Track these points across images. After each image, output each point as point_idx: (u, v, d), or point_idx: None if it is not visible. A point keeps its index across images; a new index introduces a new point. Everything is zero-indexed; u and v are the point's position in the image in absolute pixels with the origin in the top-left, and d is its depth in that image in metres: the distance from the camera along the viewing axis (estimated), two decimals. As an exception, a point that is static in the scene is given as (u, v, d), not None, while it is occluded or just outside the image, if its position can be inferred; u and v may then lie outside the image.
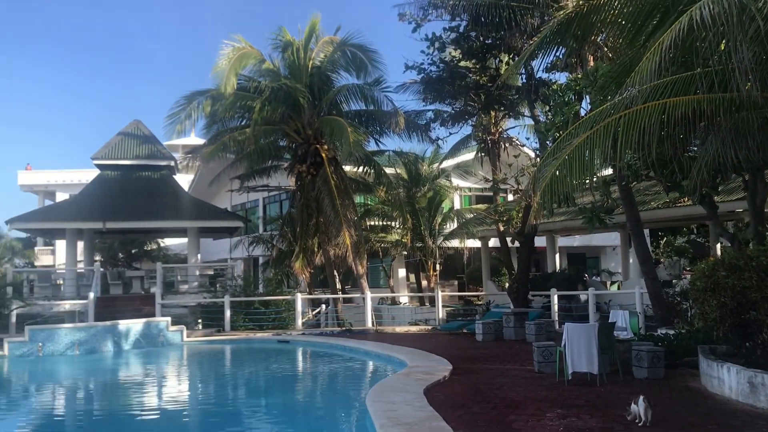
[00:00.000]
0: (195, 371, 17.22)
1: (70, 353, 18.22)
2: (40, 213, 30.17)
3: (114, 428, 9.70)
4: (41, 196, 51.33)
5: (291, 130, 24.51)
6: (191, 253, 28.51)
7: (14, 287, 23.65)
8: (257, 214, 39.35)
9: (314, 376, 15.26)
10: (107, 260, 39.27)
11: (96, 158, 28.22)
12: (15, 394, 14.54)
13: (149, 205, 27.14)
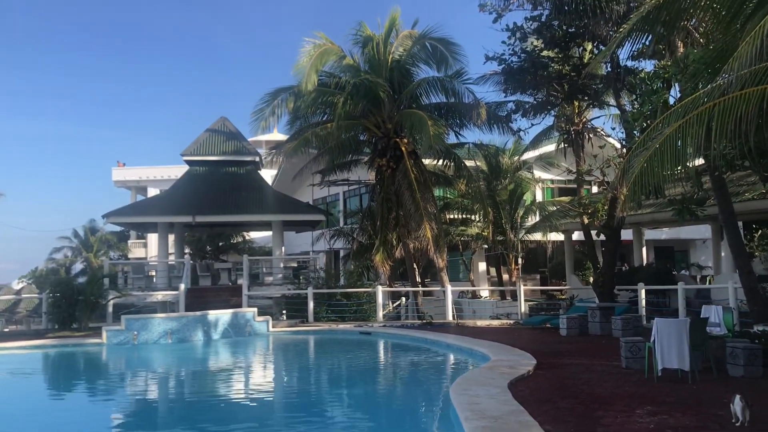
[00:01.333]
0: (282, 361, 17.68)
1: (163, 342, 19.07)
2: (133, 208, 31.65)
3: (207, 414, 10.08)
4: (133, 192, 53.75)
5: (371, 125, 24.72)
6: (275, 246, 29.22)
7: (110, 278, 24.89)
8: (338, 208, 39.91)
9: (397, 368, 15.39)
10: (196, 253, 40.77)
11: (185, 154, 29.32)
12: (114, 380, 15.35)
13: (236, 200, 27.98)
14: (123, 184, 54.09)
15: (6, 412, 11.01)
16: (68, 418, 10.47)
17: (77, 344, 19.19)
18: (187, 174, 29.80)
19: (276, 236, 29.28)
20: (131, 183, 53.41)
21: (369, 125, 24.77)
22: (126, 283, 26.93)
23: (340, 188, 35.59)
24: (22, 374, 16.00)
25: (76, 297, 22.52)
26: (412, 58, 24.93)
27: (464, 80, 23.73)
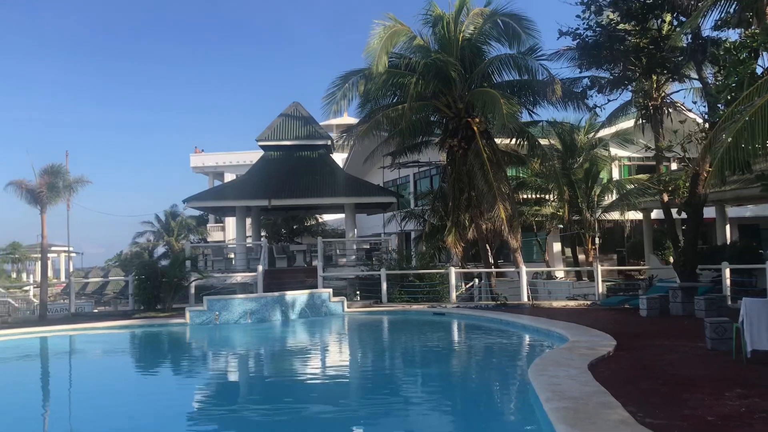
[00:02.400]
0: (358, 340, 17.94)
1: (243, 321, 19.67)
2: (212, 192, 32.58)
3: (287, 392, 10.36)
4: (211, 177, 55.29)
5: (442, 105, 24.58)
6: (348, 228, 29.57)
7: (192, 261, 25.77)
8: (408, 190, 39.96)
9: (473, 349, 15.39)
10: (272, 236, 41.67)
11: (260, 140, 29.96)
12: (198, 358, 15.96)
13: (309, 183, 28.43)
14: (201, 170, 55.69)
15: (101, 387, 11.65)
16: (156, 394, 10.96)
17: (162, 324, 20.02)
18: (262, 159, 30.44)
19: (348, 218, 29.61)
20: (209, 169, 54.93)
21: (440, 105, 24.62)
22: (206, 266, 27.84)
23: (410, 170, 35.63)
24: (112, 352, 16.83)
25: (160, 279, 23.44)
26: (484, 36, 24.59)
27: (538, 56, 23.26)
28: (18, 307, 30.93)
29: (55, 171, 22.68)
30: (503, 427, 8.03)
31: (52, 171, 22.66)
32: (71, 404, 10.79)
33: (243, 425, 8.21)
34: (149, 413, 9.13)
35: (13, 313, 28.26)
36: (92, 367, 14.69)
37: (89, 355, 16.85)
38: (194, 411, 9.28)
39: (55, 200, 22.75)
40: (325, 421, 8.21)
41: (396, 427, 7.77)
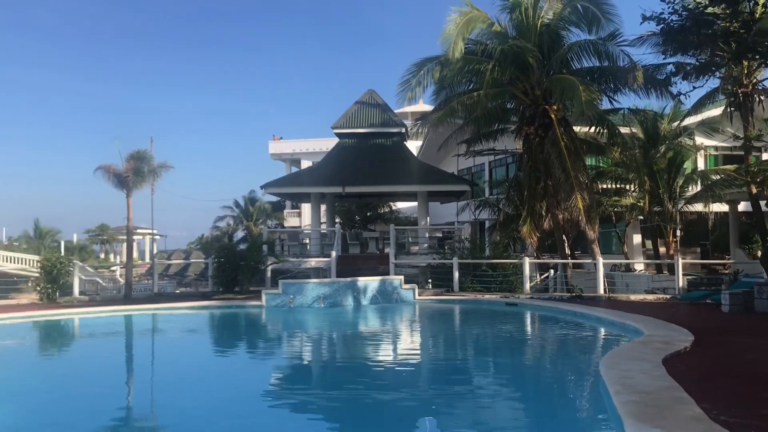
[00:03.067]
0: (429, 328, 17.98)
1: (316, 305, 20.05)
2: (288, 179, 33.26)
3: (358, 376, 10.48)
4: (288, 164, 56.38)
5: (519, 92, 24.18)
6: (421, 216, 29.60)
7: (269, 245, 26.42)
8: (483, 178, 39.56)
9: (544, 340, 15.19)
10: (345, 222, 42.19)
11: (335, 127, 30.32)
12: (273, 340, 16.39)
13: (383, 171, 28.59)
14: (278, 157, 56.83)
15: (181, 363, 12.17)
16: (232, 373, 11.35)
17: (240, 306, 20.67)
18: (337, 146, 30.81)
19: (421, 206, 29.63)
20: (286, 156, 56.00)
21: (517, 92, 24.24)
22: (282, 250, 28.47)
23: (485, 158, 35.25)
24: (192, 331, 17.49)
25: (238, 262, 24.16)
26: (563, 21, 24.01)
27: (619, 42, 22.52)
28: (105, 286, 32.51)
29: (140, 156, 23.66)
30: (571, 418, 7.92)
31: (137, 156, 23.65)
32: (154, 378, 11.31)
33: (315, 407, 8.39)
34: (226, 390, 9.43)
35: (101, 291, 29.76)
36: (173, 345, 15.34)
37: (170, 333, 17.58)
38: (268, 391, 9.55)
39: (140, 184, 23.75)
40: (396, 407, 8.28)
41: (466, 416, 7.76)
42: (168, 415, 7.99)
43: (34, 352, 14.60)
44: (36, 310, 20.22)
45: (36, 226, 52.43)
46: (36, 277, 28.03)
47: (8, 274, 35.58)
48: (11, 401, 8.98)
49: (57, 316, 19.44)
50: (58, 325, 18.71)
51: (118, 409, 8.56)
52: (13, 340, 16.16)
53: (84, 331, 17.96)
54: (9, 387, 10.05)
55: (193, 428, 7.04)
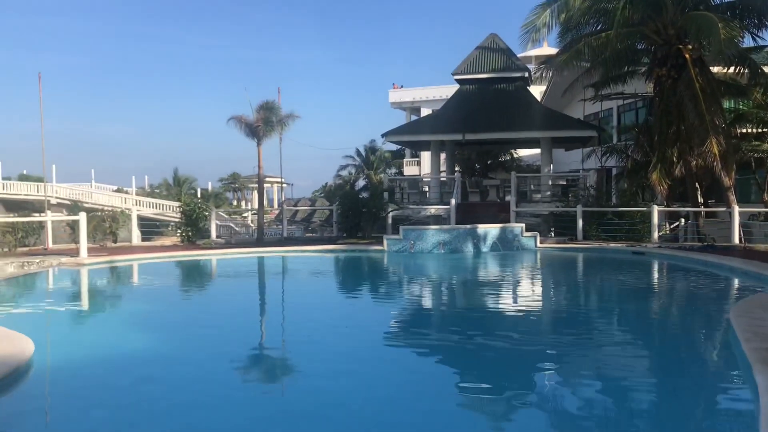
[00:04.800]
0: (550, 275, 17.82)
1: (436, 251, 20.40)
2: (408, 127, 33.51)
3: (477, 322, 10.62)
4: (408, 112, 56.59)
5: (651, 32, 22.86)
6: (544, 164, 29.02)
7: (390, 193, 26.95)
8: (611, 124, 37.97)
9: (672, 289, 14.72)
10: (465, 170, 42.04)
11: (456, 73, 30.06)
12: (394, 283, 16.89)
13: (504, 117, 28.16)
14: (398, 106, 57.14)
15: (309, 302, 12.90)
16: (356, 313, 11.88)
17: (362, 250, 21.41)
18: (457, 93, 30.60)
19: (544, 153, 29.02)
20: (406, 104, 56.21)
21: (648, 32, 22.92)
22: (402, 198, 28.95)
23: (614, 102, 33.78)
24: (318, 273, 18.36)
25: (361, 209, 24.90)
26: (702, -48, 22.31)
27: (765, -28, 20.70)
28: (238, 230, 34.50)
29: (269, 107, 24.64)
30: (699, 365, 7.76)
31: (266, 107, 24.65)
32: (284, 315, 12.09)
33: (433, 350, 8.57)
34: (350, 329, 9.89)
35: (235, 235, 31.63)
36: (302, 284, 16.24)
37: (300, 274, 18.55)
38: (390, 332, 9.83)
39: (269, 134, 24.80)
40: (516, 353, 8.30)
41: (589, 364, 7.68)
42: (296, 352, 8.52)
43: (176, 289, 15.95)
44: (178, 251, 21.93)
45: (175, 174, 56.08)
46: (176, 221, 30.20)
47: (150, 218, 38.54)
48: (156, 331, 9.93)
49: (197, 256, 21.01)
50: (198, 264, 20.23)
51: (249, 342, 9.23)
52: (158, 277, 17.72)
53: (221, 270, 19.32)
54: (154, 319, 11.09)
55: (319, 367, 7.44)
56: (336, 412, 5.85)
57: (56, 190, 44.59)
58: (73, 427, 5.62)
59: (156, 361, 7.79)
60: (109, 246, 23.62)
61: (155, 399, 6.24)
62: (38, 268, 16.94)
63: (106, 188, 50.99)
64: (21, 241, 22.41)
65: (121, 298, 14.10)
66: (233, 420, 5.62)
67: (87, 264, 17.91)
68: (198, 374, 7.17)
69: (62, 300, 13.52)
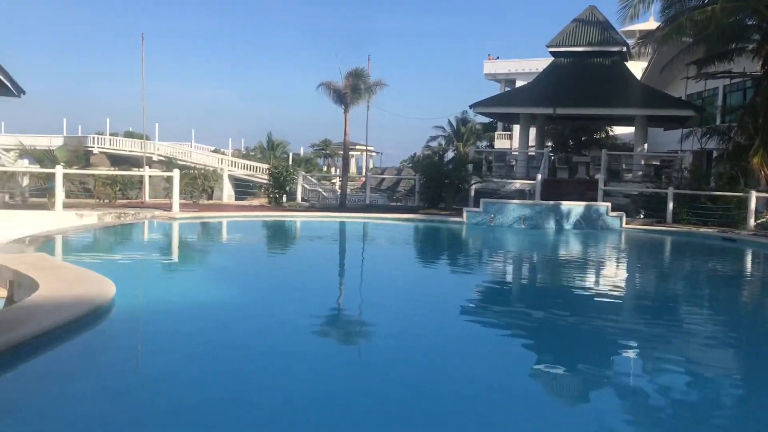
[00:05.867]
0: (634, 257, 17.22)
1: (516, 226, 20.20)
2: (498, 98, 33.02)
3: (555, 299, 10.31)
4: (502, 85, 55.56)
5: (762, 6, 21.46)
6: (637, 142, 28.02)
7: (475, 165, 26.77)
8: (715, 104, 36.01)
9: (763, 278, 14.00)
10: (557, 146, 41.03)
11: (550, 46, 29.29)
12: (472, 255, 16.87)
13: (598, 92, 27.28)
14: (493, 77, 56.21)
15: (385, 271, 13.15)
16: (431, 284, 11.90)
17: (441, 221, 21.48)
18: (551, 65, 29.85)
19: (639, 132, 27.99)
20: (500, 76, 55.21)
21: (759, 7, 21.52)
22: (489, 171, 28.70)
23: (719, 81, 31.99)
24: (395, 240, 18.58)
25: (443, 180, 24.91)
26: None
27: None
28: (326, 195, 35.21)
29: (357, 74, 24.90)
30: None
31: (355, 74, 24.91)
32: (362, 278, 12.39)
33: (510, 324, 8.44)
34: (425, 299, 9.83)
35: (321, 200, 32.34)
36: (374, 250, 16.53)
37: (376, 240, 18.86)
38: (465, 304, 9.77)
39: (356, 101, 25.10)
40: (595, 332, 8.07)
41: (671, 351, 7.29)
42: (371, 313, 8.73)
43: (256, 246, 16.62)
44: (263, 210, 22.75)
45: (269, 138, 57.59)
46: (266, 183, 31.18)
47: (242, 179, 39.96)
48: (233, 285, 10.42)
49: (280, 217, 21.72)
50: (279, 224, 20.91)
51: (326, 303, 9.48)
52: (240, 234, 18.49)
53: (300, 231, 19.93)
54: (231, 273, 11.61)
55: (395, 331, 7.58)
56: (404, 374, 5.94)
57: (157, 147, 46.79)
58: (144, 368, 6.03)
59: (230, 312, 8.15)
60: (200, 203, 24.72)
61: (225, 348, 6.55)
62: (133, 219, 17.99)
63: (204, 148, 53.04)
64: (121, 194, 23.79)
65: (203, 252, 14.82)
66: (300, 373, 5.86)
67: (177, 218, 18.86)
68: (271, 327, 7.45)
69: (149, 250, 14.36)
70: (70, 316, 6.47)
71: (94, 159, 45.17)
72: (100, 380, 5.49)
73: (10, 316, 6.42)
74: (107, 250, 13.82)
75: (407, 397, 5.32)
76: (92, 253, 13.13)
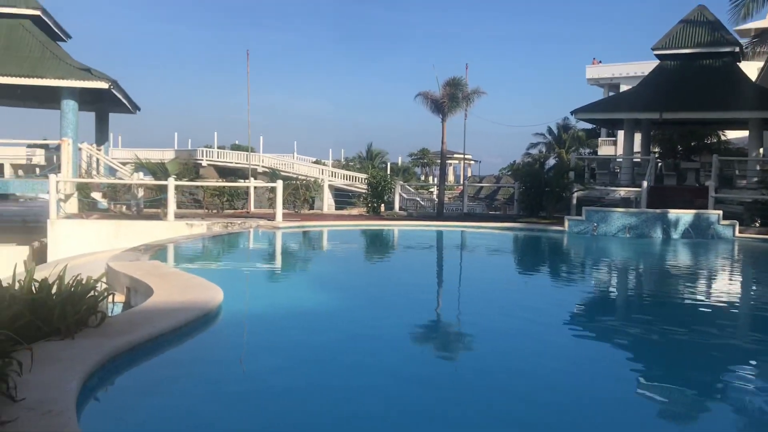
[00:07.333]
0: (749, 268, 16.23)
1: (621, 235, 19.55)
2: (601, 104, 32.05)
3: (665, 312, 9.91)
4: (606, 89, 53.89)
5: None
6: (752, 147, 26.50)
7: (576, 172, 26.13)
8: None
9: None
10: (665, 152, 39.30)
11: (656, 48, 28.22)
12: (575, 265, 16.46)
13: (708, 95, 26.01)
14: (595, 82, 54.63)
15: (482, 279, 13.10)
16: (532, 294, 11.65)
17: (541, 230, 21.09)
18: (657, 69, 28.76)
19: (753, 135, 26.48)
20: (604, 81, 53.59)
21: None
22: (591, 179, 27.94)
23: None
24: (493, 249, 18.43)
25: (543, 188, 24.46)
26: None
27: None
28: (424, 204, 35.36)
29: (455, 83, 24.93)
30: None
31: (453, 83, 24.95)
32: (462, 288, 12.39)
33: (619, 340, 8.06)
34: (526, 311, 9.52)
35: (419, 209, 32.52)
36: (475, 259, 16.46)
37: (473, 250, 18.75)
38: (571, 317, 9.53)
39: (454, 110, 25.11)
40: (705, 349, 7.61)
41: None
42: (470, 325, 8.74)
43: (355, 255, 16.95)
44: (362, 220, 23.14)
45: (368, 148, 58.53)
46: (364, 192, 31.68)
47: (341, 189, 40.79)
48: (334, 292, 10.67)
49: (378, 226, 22.01)
50: (377, 233, 21.18)
51: (422, 312, 9.55)
52: (340, 242, 18.89)
53: (401, 240, 20.11)
54: (333, 280, 11.90)
55: (497, 344, 7.54)
56: (503, 384, 5.94)
57: (262, 159, 48.50)
58: (249, 371, 6.32)
59: (331, 318, 8.40)
60: (302, 212, 25.45)
61: (326, 352, 6.77)
62: (239, 228, 18.76)
63: (305, 159, 54.52)
64: (228, 204, 24.85)
65: (305, 260, 15.27)
66: (395, 378, 5.98)
67: (281, 227, 19.51)
68: (368, 334, 7.61)
69: (254, 258, 14.94)
70: (182, 320, 6.86)
71: (203, 171, 47.48)
72: (208, 382, 5.80)
73: (128, 319, 6.89)
74: (215, 258, 14.50)
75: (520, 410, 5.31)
76: (201, 260, 13.82)
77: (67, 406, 4.11)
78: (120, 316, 7.17)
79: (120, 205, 21.94)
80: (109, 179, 24.04)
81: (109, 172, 26.35)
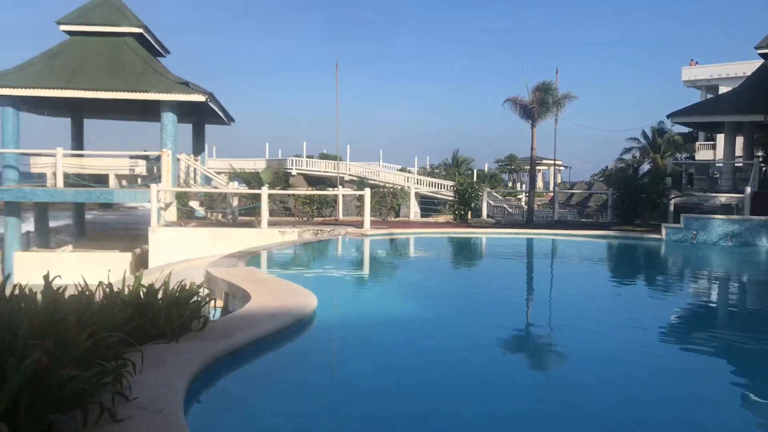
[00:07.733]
0: None
1: (723, 243, 18.64)
2: (699, 107, 30.69)
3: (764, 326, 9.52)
4: (703, 91, 51.56)
5: None
6: None
7: (673, 178, 25.09)
8: None
9: None
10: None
11: (760, 47, 26.78)
12: (674, 275, 15.77)
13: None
14: (692, 84, 52.39)
15: (576, 289, 12.78)
16: (628, 305, 11.16)
17: (637, 238, 20.35)
18: (760, 68, 27.34)
19: None
20: (701, 82, 51.32)
21: None
22: (690, 184, 26.78)
23: None
24: (586, 258, 17.93)
25: (639, 195, 23.62)
26: None
27: None
28: (511, 212, 34.87)
29: (545, 88, 24.43)
30: None
31: (543, 88, 24.47)
32: (554, 298, 12.13)
33: (725, 354, 7.72)
34: (624, 321, 9.27)
35: (507, 217, 32.08)
36: (567, 268, 16.02)
37: (566, 258, 18.29)
38: (672, 329, 9.14)
39: (544, 115, 24.62)
40: None
41: None
42: (566, 334, 8.57)
43: (442, 262, 16.88)
44: (449, 227, 22.98)
45: (454, 155, 58.18)
46: (450, 199, 31.54)
47: (427, 196, 40.79)
48: (423, 299, 10.67)
49: (465, 234, 21.80)
50: (465, 241, 21.01)
51: (514, 321, 9.45)
52: (428, 250, 18.87)
53: (490, 248, 19.89)
54: (421, 287, 11.90)
55: (591, 354, 7.33)
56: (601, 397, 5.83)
57: (349, 167, 49.15)
58: (341, 374, 6.43)
59: (422, 326, 8.42)
60: (389, 220, 25.59)
61: (416, 359, 6.80)
62: (329, 236, 19.05)
63: (391, 167, 54.83)
64: (317, 212, 25.30)
65: (394, 267, 15.32)
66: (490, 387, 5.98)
67: (369, 235, 19.68)
68: (460, 344, 7.57)
69: (345, 265, 15.14)
70: (279, 325, 7.04)
71: (293, 180, 48.59)
72: (303, 384, 5.95)
73: (228, 324, 7.11)
74: (307, 265, 14.80)
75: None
76: (294, 267, 14.13)
77: (176, 405, 4.28)
78: (220, 321, 7.41)
79: (216, 213, 22.72)
80: (206, 188, 24.97)
81: (206, 182, 27.37)
